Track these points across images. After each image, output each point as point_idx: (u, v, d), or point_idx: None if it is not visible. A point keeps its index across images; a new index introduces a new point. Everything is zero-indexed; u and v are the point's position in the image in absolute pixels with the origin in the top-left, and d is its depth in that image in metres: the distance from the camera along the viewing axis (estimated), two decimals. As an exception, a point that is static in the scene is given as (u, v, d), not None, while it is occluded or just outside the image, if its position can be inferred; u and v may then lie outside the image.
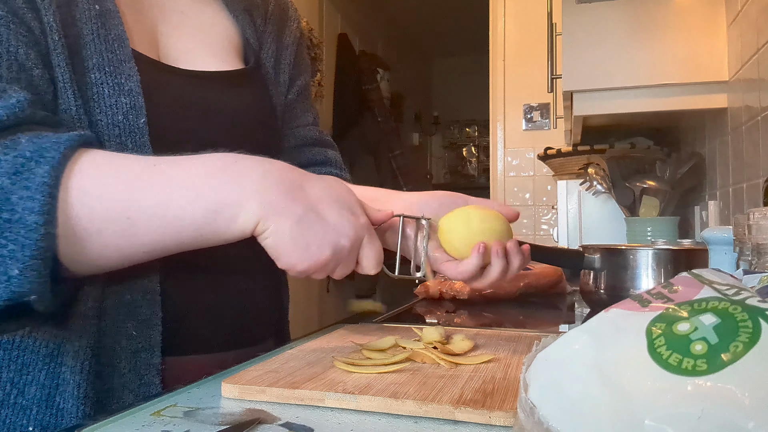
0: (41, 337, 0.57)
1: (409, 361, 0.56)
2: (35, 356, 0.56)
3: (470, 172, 5.53)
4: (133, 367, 0.60)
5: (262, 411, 0.46)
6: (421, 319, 1.03)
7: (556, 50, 1.73)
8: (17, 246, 0.46)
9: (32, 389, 0.56)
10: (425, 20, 4.62)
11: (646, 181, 1.59)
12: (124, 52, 0.61)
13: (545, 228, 2.73)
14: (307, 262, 0.53)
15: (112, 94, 0.59)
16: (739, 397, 0.26)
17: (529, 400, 0.31)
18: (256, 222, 0.52)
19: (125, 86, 0.60)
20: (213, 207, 0.52)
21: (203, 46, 0.73)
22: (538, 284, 1.17)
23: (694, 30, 1.37)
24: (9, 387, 0.56)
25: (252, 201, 0.52)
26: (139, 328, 0.60)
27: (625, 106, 1.44)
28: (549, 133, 2.67)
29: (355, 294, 3.92)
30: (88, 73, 0.58)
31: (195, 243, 0.54)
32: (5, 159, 0.47)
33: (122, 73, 0.60)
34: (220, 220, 0.52)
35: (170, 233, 0.52)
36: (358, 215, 0.57)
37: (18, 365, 0.56)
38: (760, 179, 1.10)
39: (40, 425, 0.55)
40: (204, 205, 0.52)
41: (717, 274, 0.35)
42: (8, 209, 0.46)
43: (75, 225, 0.49)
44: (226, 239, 0.54)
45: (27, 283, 0.47)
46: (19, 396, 0.56)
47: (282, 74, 0.82)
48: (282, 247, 0.53)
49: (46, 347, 0.57)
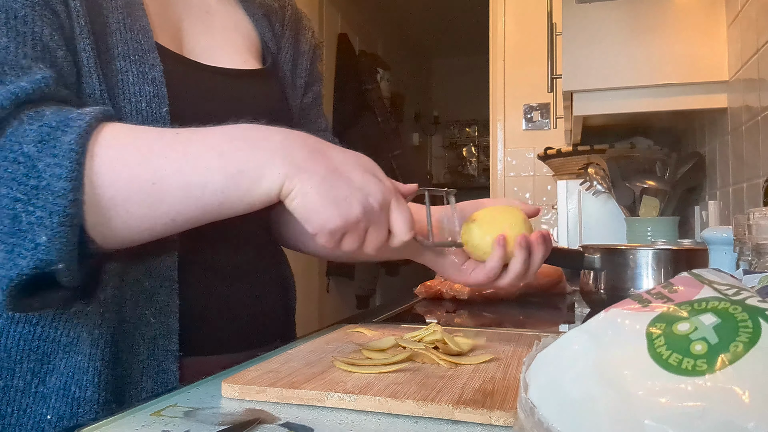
0: (62, 327, 0.57)
1: (409, 361, 0.56)
2: (56, 345, 0.57)
3: (470, 172, 5.52)
4: (151, 353, 0.61)
5: (262, 411, 0.46)
6: (421, 319, 1.03)
7: (556, 50, 1.73)
8: (45, 213, 0.47)
9: (52, 378, 0.57)
10: (425, 20, 4.62)
11: (646, 181, 1.59)
12: (148, 42, 0.62)
13: (545, 228, 2.72)
14: (337, 219, 0.51)
15: (136, 82, 0.60)
16: (739, 397, 0.26)
17: (529, 400, 0.31)
18: (281, 182, 0.51)
19: (149, 75, 0.61)
20: (236, 169, 0.51)
21: (226, 45, 0.75)
22: (538, 284, 1.17)
23: (694, 30, 1.37)
24: (30, 376, 0.57)
25: (276, 161, 0.51)
26: (157, 315, 0.61)
27: (625, 106, 1.44)
28: (549, 133, 2.67)
29: (355, 294, 3.92)
30: (114, 60, 0.60)
31: (219, 209, 0.53)
32: (30, 128, 0.48)
33: (146, 63, 0.61)
34: (245, 182, 0.52)
35: (194, 199, 0.52)
36: (383, 179, 0.56)
37: (39, 355, 0.57)
38: (760, 179, 1.10)
39: (58, 414, 0.56)
40: (228, 168, 0.51)
41: (717, 274, 0.35)
42: (35, 176, 0.47)
43: (101, 193, 0.49)
44: (251, 203, 0.53)
45: (54, 250, 0.47)
46: (40, 385, 0.57)
47: (298, 78, 0.85)
48: (311, 205, 0.51)
49: (66, 336, 0.57)
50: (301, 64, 0.85)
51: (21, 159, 0.48)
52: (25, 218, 0.47)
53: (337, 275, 3.55)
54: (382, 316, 1.00)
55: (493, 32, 2.79)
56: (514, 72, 2.75)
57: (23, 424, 0.56)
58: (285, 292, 0.82)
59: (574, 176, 1.86)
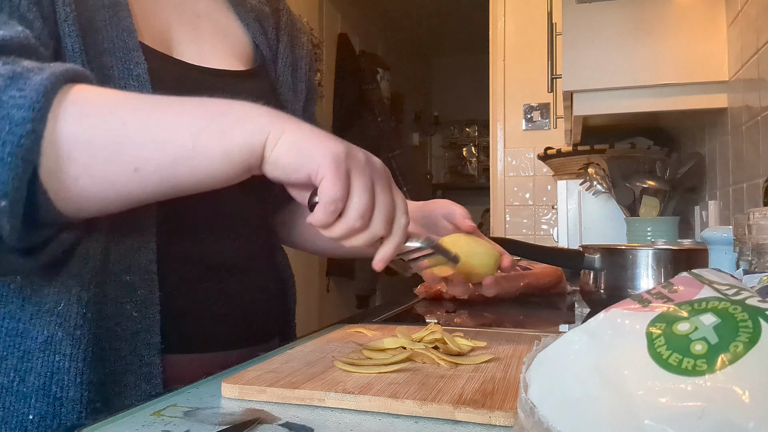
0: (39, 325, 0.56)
1: (409, 361, 0.56)
2: (34, 343, 0.56)
3: (470, 172, 5.52)
4: (133, 349, 0.60)
5: (262, 411, 0.46)
6: (421, 319, 1.03)
7: (556, 50, 1.73)
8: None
9: (31, 377, 0.56)
10: (425, 20, 4.62)
11: (646, 181, 1.59)
12: (132, 41, 0.63)
13: (545, 228, 2.72)
14: (332, 164, 0.47)
15: (121, 77, 0.61)
16: (739, 397, 0.26)
17: (529, 400, 0.31)
18: (267, 131, 0.49)
19: (133, 71, 0.62)
20: (215, 111, 0.50)
21: (215, 49, 0.75)
22: (538, 284, 1.17)
23: (694, 30, 1.37)
24: (12, 374, 0.56)
25: (260, 114, 0.50)
26: (138, 308, 0.60)
27: (625, 106, 1.44)
28: (549, 133, 2.67)
29: (355, 294, 3.92)
30: (101, 56, 0.60)
31: (191, 160, 0.49)
32: (4, 68, 0.47)
33: (131, 60, 0.62)
34: (224, 121, 0.49)
35: (161, 142, 0.49)
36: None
37: (21, 352, 0.56)
38: (760, 179, 1.10)
39: (39, 414, 0.55)
40: (205, 111, 0.50)
41: (717, 274, 0.35)
42: None
43: (61, 142, 0.48)
44: (228, 152, 0.49)
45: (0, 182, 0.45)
46: (20, 384, 0.56)
47: (299, 83, 0.85)
48: (303, 146, 0.48)
49: (41, 334, 0.56)
50: (301, 68, 0.86)
51: None
52: None
53: (337, 275, 3.55)
54: (382, 316, 1.00)
55: (493, 32, 2.79)
56: (514, 72, 2.75)
57: (8, 422, 0.55)
58: (283, 291, 0.82)
59: (574, 176, 1.86)
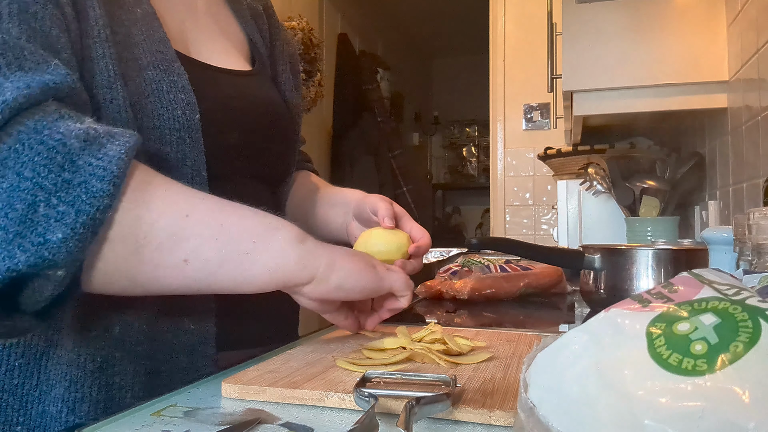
0: (95, 353, 0.57)
1: (409, 361, 0.56)
2: (82, 372, 0.57)
3: (470, 171, 5.51)
4: (191, 361, 0.62)
5: (262, 411, 0.46)
6: (421, 319, 1.03)
7: (556, 50, 1.73)
8: (71, 209, 0.43)
9: (84, 405, 0.57)
10: (425, 20, 4.62)
11: (646, 181, 1.59)
12: (169, 52, 0.63)
13: (545, 228, 2.72)
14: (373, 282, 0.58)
15: (170, 90, 0.61)
16: (739, 397, 0.26)
17: (529, 399, 0.31)
18: (316, 265, 0.54)
19: (178, 83, 0.62)
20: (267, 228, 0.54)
21: (226, 48, 0.77)
22: (538, 284, 1.17)
23: (694, 30, 1.37)
24: (60, 404, 0.56)
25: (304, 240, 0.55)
26: (195, 321, 0.62)
27: (625, 106, 1.44)
28: (549, 133, 2.67)
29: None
30: (143, 71, 0.60)
31: (242, 269, 0.52)
32: (75, 125, 0.46)
33: (173, 72, 0.62)
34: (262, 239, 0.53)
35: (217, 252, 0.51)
36: None
37: (67, 381, 0.57)
38: (760, 179, 1.10)
39: None
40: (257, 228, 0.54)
41: (717, 274, 0.35)
42: (71, 170, 0.44)
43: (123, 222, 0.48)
44: (274, 278, 0.53)
45: (65, 252, 0.43)
46: (69, 413, 0.56)
47: (296, 78, 0.87)
48: (354, 272, 0.57)
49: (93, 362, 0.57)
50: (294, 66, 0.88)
51: (59, 148, 0.44)
52: (42, 209, 0.43)
53: (338, 275, 3.54)
54: (382, 316, 0.99)
55: (493, 32, 2.79)
56: (514, 72, 2.75)
57: None
58: None
59: (574, 176, 1.86)
